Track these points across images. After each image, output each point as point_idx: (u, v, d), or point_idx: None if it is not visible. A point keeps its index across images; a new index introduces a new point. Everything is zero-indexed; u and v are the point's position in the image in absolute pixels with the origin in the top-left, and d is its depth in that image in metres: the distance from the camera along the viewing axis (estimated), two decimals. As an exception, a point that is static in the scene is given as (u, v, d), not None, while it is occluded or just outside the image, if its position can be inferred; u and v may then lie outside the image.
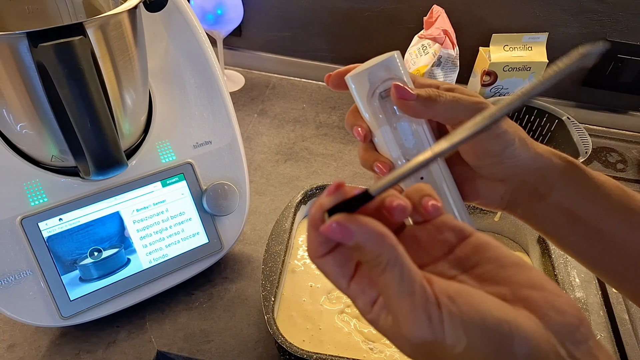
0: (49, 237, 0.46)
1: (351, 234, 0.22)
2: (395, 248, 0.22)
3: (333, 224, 0.22)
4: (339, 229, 0.22)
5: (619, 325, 0.57)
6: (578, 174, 0.31)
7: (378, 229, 0.22)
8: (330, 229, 0.22)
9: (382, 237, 0.22)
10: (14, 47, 0.36)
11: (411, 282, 0.21)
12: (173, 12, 0.49)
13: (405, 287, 0.21)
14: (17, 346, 0.51)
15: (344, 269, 0.23)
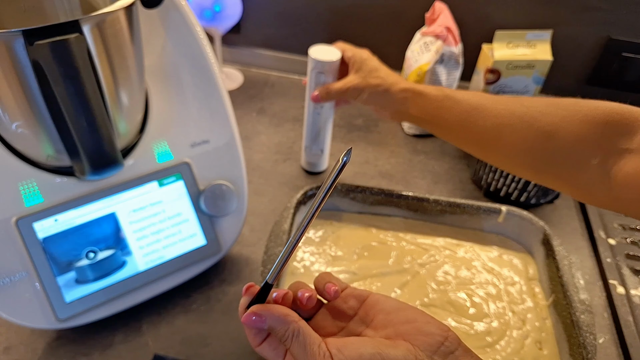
0: (45, 238, 0.45)
1: (264, 319, 0.30)
2: (296, 323, 0.30)
3: (250, 315, 0.30)
4: (254, 317, 0.30)
5: (623, 328, 0.56)
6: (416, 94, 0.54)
7: (281, 311, 0.30)
8: (249, 319, 0.30)
9: (285, 317, 0.30)
10: (10, 45, 0.35)
11: (310, 345, 0.29)
12: (170, 9, 0.48)
13: (307, 349, 0.29)
14: (12, 349, 0.50)
15: (277, 351, 0.31)
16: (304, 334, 0.29)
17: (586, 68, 0.87)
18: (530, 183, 0.67)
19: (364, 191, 0.62)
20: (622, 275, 0.62)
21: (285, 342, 0.30)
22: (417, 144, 0.83)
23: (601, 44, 0.83)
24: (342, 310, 0.33)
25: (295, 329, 0.30)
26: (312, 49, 0.63)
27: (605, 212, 0.71)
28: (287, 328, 0.30)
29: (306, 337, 0.29)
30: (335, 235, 0.61)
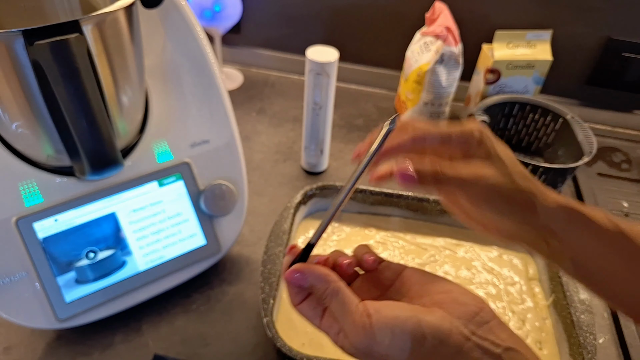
0: (45, 238, 0.45)
1: (306, 277, 0.31)
2: (336, 282, 0.31)
3: (293, 272, 0.32)
4: (297, 274, 0.32)
5: (623, 328, 0.56)
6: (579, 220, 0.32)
7: (322, 271, 0.32)
8: (292, 276, 0.32)
9: (325, 276, 0.31)
10: (9, 45, 0.35)
11: (349, 304, 0.30)
12: (170, 9, 0.48)
13: (346, 308, 0.30)
14: (12, 348, 0.50)
15: (315, 312, 0.32)
16: (343, 293, 0.30)
17: (586, 68, 0.87)
18: (530, 183, 0.67)
19: (364, 191, 0.62)
20: (622, 276, 0.62)
21: (325, 300, 0.31)
22: (417, 144, 0.83)
23: (601, 44, 0.83)
24: (378, 280, 0.34)
25: (335, 288, 0.31)
26: (309, 50, 0.63)
27: (605, 212, 0.72)
28: (328, 286, 0.31)
29: (345, 296, 0.30)
30: (335, 236, 0.61)
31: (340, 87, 0.95)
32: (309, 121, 0.69)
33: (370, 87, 0.96)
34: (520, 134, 0.80)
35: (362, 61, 0.95)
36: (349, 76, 0.95)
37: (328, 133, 0.71)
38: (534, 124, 0.78)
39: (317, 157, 0.73)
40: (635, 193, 0.76)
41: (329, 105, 0.67)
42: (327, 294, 0.31)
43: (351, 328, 0.29)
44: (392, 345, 0.28)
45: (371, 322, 0.29)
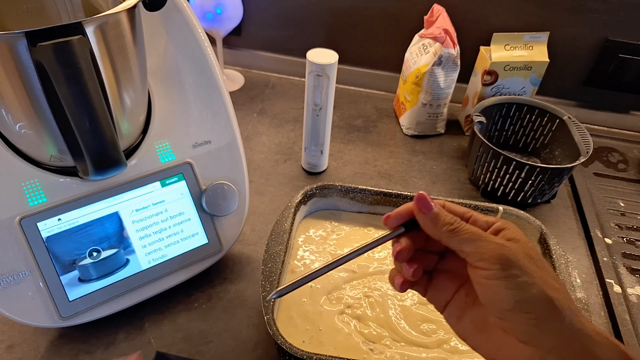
0: (48, 238, 0.46)
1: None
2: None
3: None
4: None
5: (620, 326, 0.57)
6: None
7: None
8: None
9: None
10: (13, 47, 0.36)
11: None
12: (172, 11, 0.49)
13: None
14: (15, 347, 0.51)
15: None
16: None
17: (583, 69, 0.87)
18: (527, 183, 0.68)
19: (363, 191, 0.62)
20: (618, 274, 0.63)
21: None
22: (415, 144, 0.84)
23: (598, 45, 0.84)
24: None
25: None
26: (309, 52, 0.63)
27: (602, 212, 0.72)
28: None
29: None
30: (334, 235, 0.61)
31: (340, 88, 0.95)
32: (309, 122, 0.69)
33: (370, 89, 0.97)
34: (517, 135, 0.81)
35: (361, 63, 0.95)
36: (348, 78, 0.96)
37: (328, 134, 0.71)
38: (531, 124, 0.79)
39: (317, 158, 0.73)
40: (631, 193, 0.76)
41: (329, 106, 0.67)
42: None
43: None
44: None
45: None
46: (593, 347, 0.29)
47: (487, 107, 0.76)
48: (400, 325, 0.51)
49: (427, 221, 0.34)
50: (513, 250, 0.31)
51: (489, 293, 0.31)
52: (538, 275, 0.30)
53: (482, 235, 0.32)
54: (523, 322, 0.30)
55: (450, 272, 0.37)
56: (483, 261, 0.31)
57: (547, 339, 0.29)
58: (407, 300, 0.54)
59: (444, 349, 0.50)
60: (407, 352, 0.49)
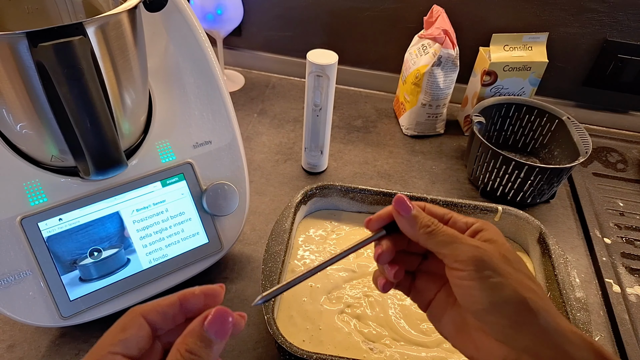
0: (49, 237, 0.46)
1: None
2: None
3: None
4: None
5: (619, 325, 0.57)
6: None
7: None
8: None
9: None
10: (14, 47, 0.36)
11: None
12: (173, 12, 0.49)
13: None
14: (16, 346, 0.51)
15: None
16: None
17: (582, 70, 0.88)
18: (526, 183, 0.68)
19: (363, 191, 0.62)
20: (617, 274, 0.63)
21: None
22: (415, 144, 0.84)
23: (597, 45, 0.84)
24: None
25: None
26: (309, 53, 0.64)
27: (601, 212, 0.72)
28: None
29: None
30: (334, 234, 0.61)
31: (339, 89, 0.96)
32: (309, 122, 0.69)
33: (369, 89, 0.97)
34: (516, 135, 0.81)
35: (361, 63, 0.96)
36: (348, 78, 0.96)
37: (328, 134, 0.72)
38: (530, 125, 0.79)
39: (317, 158, 0.74)
40: (630, 193, 0.77)
41: (329, 106, 0.68)
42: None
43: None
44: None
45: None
46: (567, 346, 0.29)
47: (486, 107, 0.76)
48: (400, 325, 0.52)
49: (405, 223, 0.35)
50: (488, 252, 0.31)
51: (465, 294, 0.32)
52: (513, 276, 0.31)
53: (458, 237, 0.33)
54: (498, 323, 0.30)
55: (431, 273, 0.38)
56: (458, 262, 0.32)
57: (522, 338, 0.30)
58: (407, 299, 0.54)
59: (444, 348, 0.50)
60: (407, 352, 0.49)
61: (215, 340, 0.26)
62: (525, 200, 0.71)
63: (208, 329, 0.26)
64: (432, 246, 0.33)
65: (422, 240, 0.34)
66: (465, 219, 0.36)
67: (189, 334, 0.26)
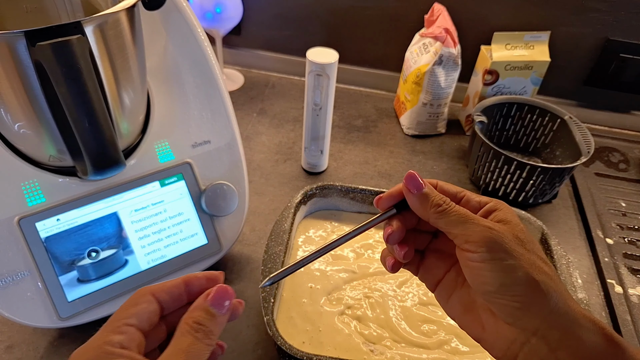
0: (47, 238, 0.46)
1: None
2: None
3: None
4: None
5: (621, 326, 0.57)
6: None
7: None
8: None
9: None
10: (12, 46, 0.36)
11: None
12: (172, 11, 0.49)
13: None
14: (15, 347, 0.51)
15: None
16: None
17: (584, 69, 0.87)
18: (528, 183, 0.67)
19: (363, 191, 0.62)
20: (619, 275, 0.63)
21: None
22: (415, 144, 0.84)
23: (599, 44, 0.84)
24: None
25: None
26: (309, 51, 0.63)
27: (603, 212, 0.72)
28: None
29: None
30: (335, 235, 0.61)
31: (340, 88, 0.95)
32: (309, 122, 0.69)
33: (370, 88, 0.97)
34: (518, 135, 0.80)
35: (361, 62, 0.95)
36: (348, 77, 0.95)
37: (328, 133, 0.71)
38: (532, 124, 0.78)
39: (317, 158, 0.73)
40: (632, 193, 0.76)
41: (329, 106, 0.67)
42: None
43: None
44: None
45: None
46: (577, 329, 0.29)
47: (487, 106, 0.76)
48: (401, 326, 0.51)
49: (415, 201, 0.33)
50: (500, 233, 0.30)
51: (475, 275, 0.31)
52: (525, 257, 0.30)
53: (470, 217, 0.32)
54: (508, 305, 0.30)
55: (442, 252, 0.37)
56: (469, 243, 0.31)
57: (531, 321, 0.29)
58: (408, 301, 0.54)
59: (445, 349, 0.50)
60: (408, 353, 0.49)
61: (218, 314, 0.29)
62: (527, 201, 0.70)
63: (211, 303, 0.29)
64: (443, 226, 0.32)
65: (432, 220, 0.33)
66: (479, 197, 0.34)
67: (195, 309, 0.29)
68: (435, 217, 0.32)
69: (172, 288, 0.31)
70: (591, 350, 0.28)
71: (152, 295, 0.30)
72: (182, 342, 0.27)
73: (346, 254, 0.59)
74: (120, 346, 0.27)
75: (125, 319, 0.28)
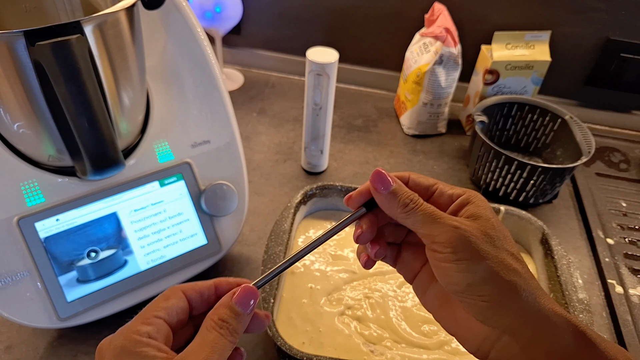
0: (46, 238, 0.46)
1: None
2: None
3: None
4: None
5: (622, 327, 0.57)
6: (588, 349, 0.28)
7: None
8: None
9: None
10: (11, 46, 0.36)
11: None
12: (171, 10, 0.48)
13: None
14: (14, 347, 0.51)
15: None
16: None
17: (585, 69, 0.87)
18: (528, 183, 0.67)
19: (363, 191, 0.62)
20: (620, 275, 0.63)
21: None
22: (416, 144, 0.84)
23: (600, 44, 0.84)
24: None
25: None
26: (309, 51, 0.63)
27: (603, 212, 0.72)
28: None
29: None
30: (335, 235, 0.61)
31: (340, 87, 0.95)
32: (309, 121, 0.69)
33: (370, 88, 0.97)
34: (518, 135, 0.80)
35: (361, 62, 0.95)
36: (348, 77, 0.95)
37: (328, 133, 0.71)
38: (533, 124, 0.78)
39: (317, 157, 0.73)
40: (633, 193, 0.76)
41: (329, 105, 0.67)
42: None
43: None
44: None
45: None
46: (549, 327, 0.28)
47: (488, 106, 0.75)
48: (401, 327, 0.51)
49: (383, 200, 0.32)
50: (467, 232, 0.30)
51: (443, 275, 0.31)
52: (492, 256, 0.29)
53: (437, 216, 0.31)
54: (476, 304, 0.30)
55: (417, 245, 0.36)
56: (436, 244, 0.30)
57: (502, 319, 0.29)
58: (408, 301, 0.54)
59: (445, 350, 0.49)
60: (408, 354, 0.49)
61: (242, 312, 0.29)
62: (528, 201, 0.70)
63: (237, 301, 0.29)
64: (411, 225, 0.31)
65: (400, 219, 0.32)
66: (453, 189, 0.33)
67: (220, 306, 0.30)
68: (403, 216, 0.31)
69: (202, 288, 0.32)
70: (563, 348, 0.28)
71: (182, 292, 0.31)
72: (207, 337, 0.28)
73: (346, 254, 0.59)
74: (148, 336, 0.28)
75: (155, 312, 0.29)
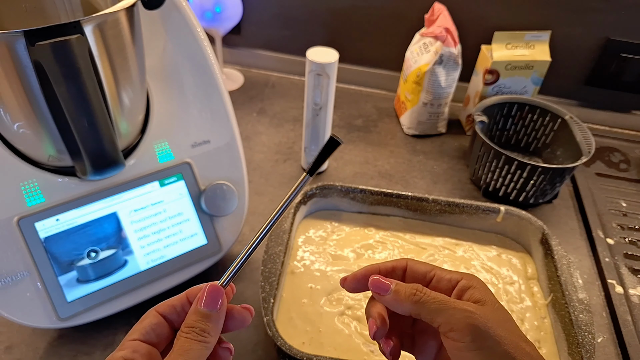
0: (46, 238, 0.46)
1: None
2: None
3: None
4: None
5: (622, 327, 0.57)
6: None
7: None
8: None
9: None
10: (11, 46, 0.36)
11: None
12: (171, 10, 0.48)
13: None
14: (14, 348, 0.51)
15: None
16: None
17: (585, 69, 0.87)
18: (528, 183, 0.67)
19: (363, 191, 0.62)
20: (620, 275, 0.63)
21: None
22: (416, 144, 0.84)
23: (600, 44, 0.84)
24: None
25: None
26: (309, 51, 0.63)
27: (603, 212, 0.72)
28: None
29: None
30: (335, 235, 0.61)
31: (340, 87, 0.95)
32: (309, 122, 0.69)
33: (370, 88, 0.96)
34: (519, 135, 0.80)
35: (361, 62, 0.95)
36: (348, 77, 0.95)
37: (328, 133, 0.71)
38: (533, 124, 0.78)
39: (317, 158, 0.73)
40: (633, 193, 0.76)
41: (329, 105, 0.67)
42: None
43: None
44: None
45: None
46: None
47: (488, 106, 0.75)
48: (401, 327, 0.51)
49: (389, 301, 0.33)
50: (482, 318, 0.30)
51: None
52: (507, 340, 0.30)
53: (449, 303, 0.31)
54: None
55: (428, 331, 0.36)
56: (454, 332, 0.30)
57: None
58: (408, 301, 0.54)
59: (445, 350, 0.49)
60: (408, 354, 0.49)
61: (210, 312, 0.30)
62: (528, 201, 0.70)
63: (201, 303, 0.30)
64: (425, 315, 0.32)
65: (413, 312, 0.32)
66: (449, 274, 0.34)
67: (188, 315, 0.30)
68: (414, 308, 0.32)
69: (174, 301, 0.32)
70: None
71: (155, 310, 0.32)
72: (178, 345, 0.29)
73: (346, 254, 0.59)
74: (123, 359, 0.29)
75: (129, 337, 0.31)
